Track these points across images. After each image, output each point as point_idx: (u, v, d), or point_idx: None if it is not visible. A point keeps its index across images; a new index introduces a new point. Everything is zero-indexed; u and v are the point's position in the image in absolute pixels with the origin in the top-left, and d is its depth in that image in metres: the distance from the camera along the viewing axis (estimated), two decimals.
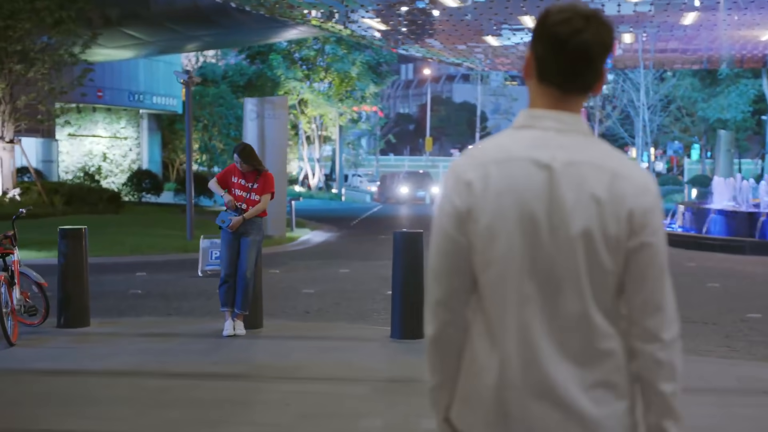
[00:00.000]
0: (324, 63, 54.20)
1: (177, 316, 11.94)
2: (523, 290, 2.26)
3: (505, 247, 2.26)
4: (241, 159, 10.17)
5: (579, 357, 2.25)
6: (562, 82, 2.32)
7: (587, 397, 2.24)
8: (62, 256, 10.65)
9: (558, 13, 2.30)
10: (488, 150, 2.34)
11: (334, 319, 11.79)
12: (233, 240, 10.21)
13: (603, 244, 2.24)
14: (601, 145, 2.33)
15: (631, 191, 2.26)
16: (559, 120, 2.32)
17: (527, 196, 2.26)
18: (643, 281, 2.27)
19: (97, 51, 36.36)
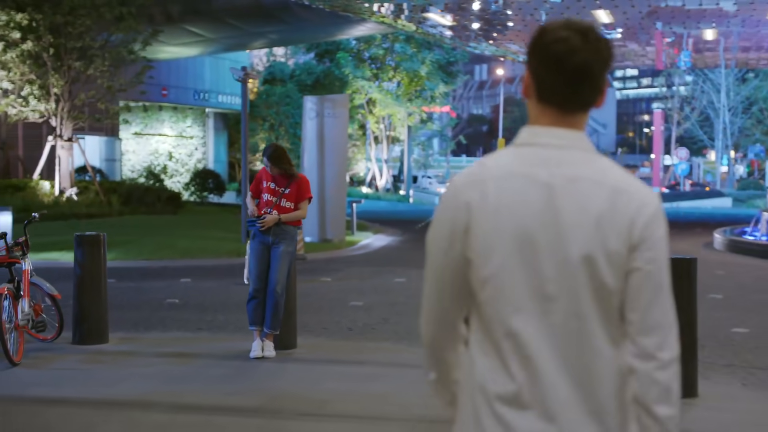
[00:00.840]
0: (393, 62, 53.13)
1: (207, 332, 10.92)
2: (521, 308, 2.24)
3: (502, 265, 2.26)
4: (271, 162, 9.10)
5: (580, 382, 2.22)
6: (562, 101, 2.31)
7: (584, 420, 2.21)
8: (78, 266, 9.70)
9: (555, 31, 2.27)
10: (488, 167, 2.34)
11: (379, 337, 10.66)
12: (263, 250, 9.15)
13: (605, 262, 2.21)
14: (602, 161, 2.31)
15: (631, 205, 2.24)
16: (560, 137, 2.31)
17: (525, 213, 2.25)
18: (641, 298, 2.22)
19: (160, 48, 35.81)
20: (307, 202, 9.32)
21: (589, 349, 2.22)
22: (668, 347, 2.23)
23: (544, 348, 2.22)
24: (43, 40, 28.10)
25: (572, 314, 2.21)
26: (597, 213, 2.22)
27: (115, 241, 22.03)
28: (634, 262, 2.22)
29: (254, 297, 9.12)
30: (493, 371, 2.26)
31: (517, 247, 2.24)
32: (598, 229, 2.21)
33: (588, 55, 2.25)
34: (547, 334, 2.22)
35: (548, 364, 2.21)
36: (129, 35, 29.59)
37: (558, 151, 2.28)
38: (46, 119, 29.26)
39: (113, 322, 11.46)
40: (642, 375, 2.21)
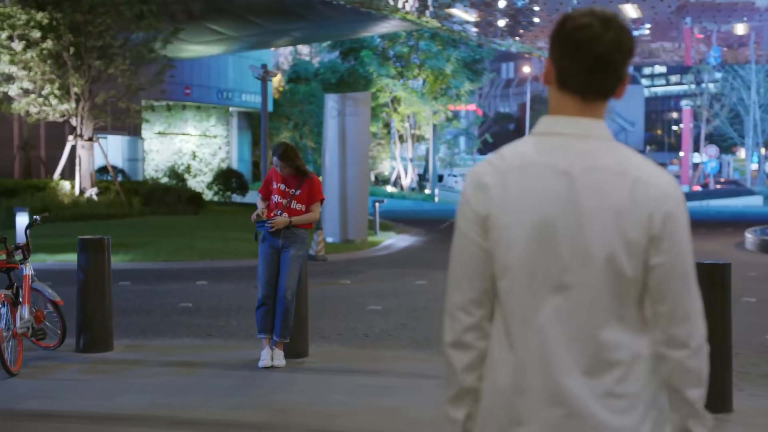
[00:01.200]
0: (418, 60, 52.63)
1: (218, 338, 10.51)
2: (540, 297, 2.27)
3: (522, 254, 2.27)
4: (282, 161, 8.67)
5: (595, 368, 2.24)
6: (582, 89, 2.31)
7: (602, 406, 2.23)
8: (81, 271, 9.28)
9: (577, 18, 2.29)
10: (507, 157, 2.35)
11: (396, 345, 10.21)
12: (272, 254, 8.72)
13: (624, 253, 2.22)
14: (623, 150, 2.31)
15: (652, 196, 2.24)
16: (580, 126, 2.31)
17: (545, 203, 2.26)
18: (668, 289, 2.25)
19: (183, 47, 35.53)
20: (319, 204, 8.90)
21: (601, 338, 2.24)
22: (697, 334, 2.28)
23: (558, 336, 2.25)
24: (64, 39, 27.84)
25: (588, 303, 2.24)
26: (617, 203, 2.23)
27: (133, 243, 21.71)
28: (659, 255, 2.24)
29: (263, 304, 8.70)
30: (510, 362, 2.29)
31: (536, 236, 2.26)
32: (618, 219, 2.22)
33: (609, 42, 2.26)
34: (563, 321, 2.25)
35: (561, 352, 2.24)
36: (150, 33, 29.26)
37: (577, 141, 2.29)
38: (66, 119, 29.00)
39: (122, 328, 11.12)
40: (675, 363, 2.26)
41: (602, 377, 2.24)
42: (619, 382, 2.24)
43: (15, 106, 28.22)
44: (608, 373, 2.24)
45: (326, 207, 24.72)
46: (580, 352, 2.24)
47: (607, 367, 2.24)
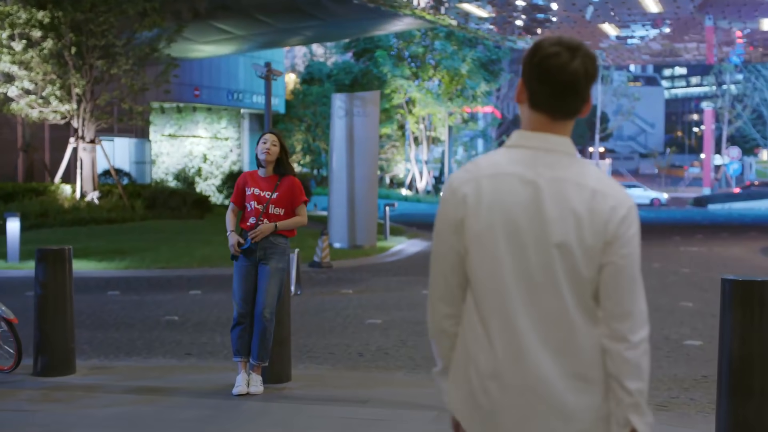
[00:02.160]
0: (433, 60, 51.62)
1: (196, 358, 9.55)
2: (509, 290, 2.53)
3: (494, 252, 2.54)
4: (271, 136, 7.87)
5: (560, 352, 2.50)
6: (551, 110, 2.58)
7: (566, 388, 2.50)
8: (39, 286, 8.32)
9: (547, 47, 2.55)
10: (482, 166, 2.62)
11: (392, 365, 9.23)
12: (248, 268, 7.76)
13: (581, 254, 2.50)
14: (584, 165, 2.59)
15: (607, 206, 2.51)
16: (547, 141, 2.59)
17: (514, 208, 2.54)
18: (615, 288, 2.51)
19: (190, 47, 34.69)
20: (304, 206, 7.93)
21: (568, 327, 2.51)
22: (638, 330, 2.54)
23: (528, 326, 2.52)
24: (65, 38, 27.00)
25: (553, 296, 2.51)
26: (577, 211, 2.51)
27: (131, 248, 20.83)
28: (609, 256, 2.51)
29: (239, 323, 7.74)
30: (483, 349, 2.57)
31: (506, 236, 2.55)
32: (577, 224, 2.50)
33: (576, 70, 2.54)
34: (531, 313, 2.52)
35: (532, 341, 2.52)
36: (153, 32, 28.38)
37: (545, 154, 2.58)
38: (68, 120, 28.15)
39: (96, 344, 10.23)
40: (614, 355, 2.51)
41: (573, 361, 2.50)
42: (588, 366, 2.51)
43: (14, 107, 27.38)
44: (578, 357, 2.51)
45: (333, 211, 23.76)
46: (552, 339, 2.51)
47: (578, 352, 2.51)
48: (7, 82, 27.51)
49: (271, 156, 7.80)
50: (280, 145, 7.84)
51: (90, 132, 28.13)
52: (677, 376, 8.76)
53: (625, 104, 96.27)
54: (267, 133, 7.90)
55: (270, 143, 7.78)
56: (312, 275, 18.02)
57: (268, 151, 7.78)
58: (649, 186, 69.14)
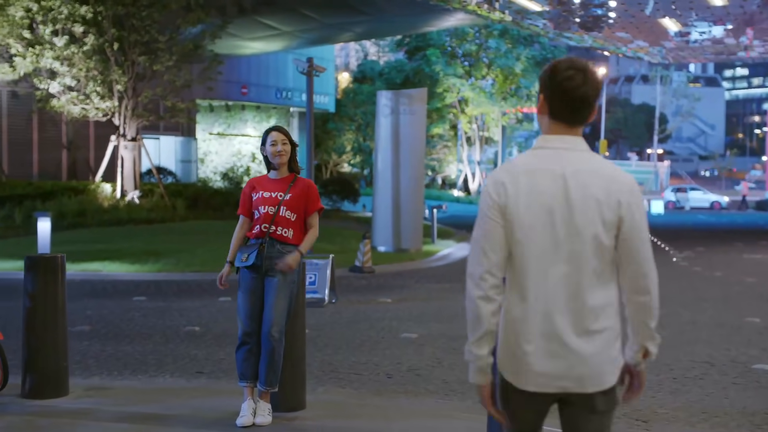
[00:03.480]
0: (486, 59, 50.44)
1: (207, 377, 8.66)
2: (544, 261, 3.28)
3: (531, 232, 3.28)
4: (280, 135, 6.94)
5: (579, 311, 3.28)
6: (569, 119, 3.36)
7: (581, 340, 3.28)
8: (28, 297, 7.46)
9: (563, 71, 3.33)
10: (518, 164, 3.36)
11: (422, 390, 8.25)
12: (254, 281, 6.85)
13: (602, 229, 3.27)
14: (597, 158, 3.37)
15: (620, 189, 3.30)
16: (566, 142, 3.36)
17: (547, 195, 3.29)
18: (634, 253, 3.29)
19: (237, 43, 34.01)
20: (318, 215, 7.00)
21: (585, 289, 3.29)
22: (654, 285, 3.35)
23: (556, 288, 3.28)
24: (107, 33, 26.39)
25: (577, 264, 3.28)
26: (597, 195, 3.28)
27: (167, 250, 20.08)
28: (624, 229, 3.29)
29: (244, 342, 6.83)
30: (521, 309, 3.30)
31: (541, 218, 3.29)
32: (598, 205, 3.27)
33: (587, 89, 3.33)
34: (559, 279, 3.28)
35: (559, 296, 3.28)
36: (197, 28, 27.67)
37: (566, 152, 3.35)
38: (109, 117, 27.54)
39: (103, 359, 9.40)
40: (641, 304, 3.34)
41: (589, 318, 3.29)
42: (601, 321, 3.31)
43: (56, 104, 26.84)
44: (593, 315, 3.30)
45: (378, 213, 22.82)
46: (574, 300, 3.28)
47: (593, 311, 3.29)
48: (50, 79, 26.99)
49: (285, 157, 6.88)
50: (289, 142, 6.92)
51: (131, 130, 27.50)
52: (747, 408, 7.69)
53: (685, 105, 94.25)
54: (272, 130, 6.93)
55: (281, 143, 6.85)
56: (352, 281, 17.12)
57: (281, 153, 6.85)
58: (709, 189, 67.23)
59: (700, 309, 13.59)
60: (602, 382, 3.31)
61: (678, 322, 12.24)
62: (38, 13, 26.44)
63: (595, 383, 3.30)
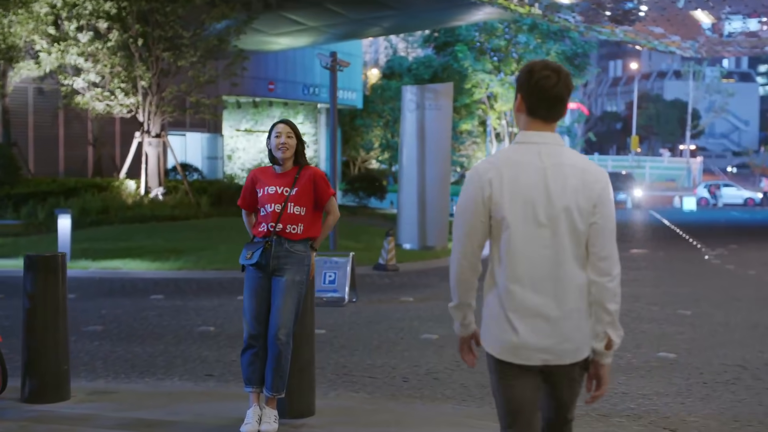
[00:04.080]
0: (516, 54, 49.88)
1: (216, 381, 8.34)
2: (528, 245, 3.63)
3: (516, 219, 3.63)
4: (286, 128, 6.57)
5: (562, 288, 3.64)
6: (546, 117, 3.71)
7: (563, 316, 3.63)
8: (27, 298, 7.18)
9: (539, 71, 3.67)
10: (501, 158, 3.70)
11: (440, 394, 7.90)
12: (260, 281, 6.51)
13: (578, 214, 3.64)
14: (572, 152, 3.76)
15: (594, 180, 3.69)
16: (545, 138, 3.72)
17: (528, 186, 3.63)
18: (600, 239, 3.66)
19: (263, 39, 33.78)
20: (333, 199, 6.65)
21: (569, 269, 3.65)
22: (615, 268, 3.68)
23: (538, 269, 3.63)
24: (131, 29, 26.20)
25: (560, 247, 3.64)
26: (574, 185, 3.65)
27: (189, 248, 19.83)
28: (596, 216, 3.66)
29: (250, 346, 6.49)
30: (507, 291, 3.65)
31: (523, 206, 3.63)
32: (574, 193, 3.64)
33: (561, 88, 3.68)
34: (541, 260, 3.63)
35: (542, 276, 3.63)
36: (222, 24, 27.42)
37: (545, 147, 3.70)
38: (133, 114, 27.35)
39: (111, 361, 9.13)
40: (600, 285, 3.65)
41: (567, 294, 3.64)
42: (578, 299, 3.66)
43: (80, 100, 26.69)
44: (571, 292, 3.65)
45: (403, 210, 22.45)
46: (554, 277, 3.64)
47: (571, 288, 3.65)
48: (75, 75, 26.86)
49: (289, 151, 6.53)
50: (296, 136, 6.57)
51: (156, 126, 27.30)
52: None
53: (718, 101, 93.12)
54: (278, 123, 6.58)
55: (285, 135, 6.50)
56: (375, 279, 16.79)
57: (285, 146, 6.51)
58: (743, 185, 66.32)
59: (733, 309, 13.14)
60: (578, 355, 3.67)
61: (709, 323, 11.81)
62: (63, 9, 26.30)
63: (573, 356, 3.66)
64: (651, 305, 13.37)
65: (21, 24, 26.08)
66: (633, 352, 9.84)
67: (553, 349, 3.62)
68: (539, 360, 3.63)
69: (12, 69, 27.61)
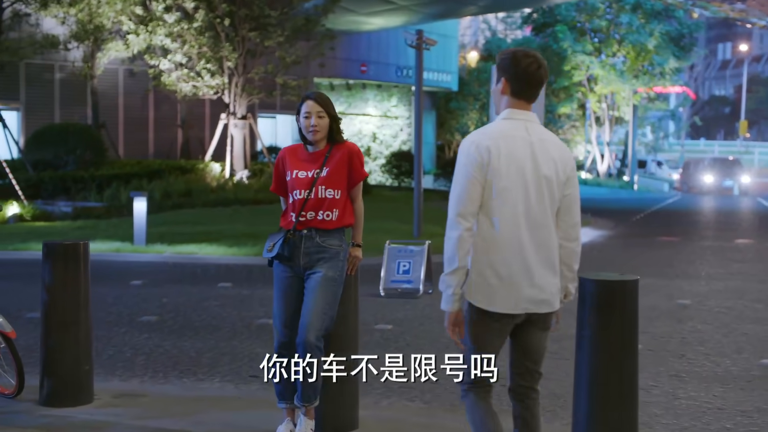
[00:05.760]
0: (617, 35, 48.15)
1: (258, 384, 7.54)
2: (519, 207, 4.14)
3: (510, 184, 4.12)
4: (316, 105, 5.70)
5: (543, 247, 4.18)
6: (528, 97, 4.25)
7: (545, 271, 4.20)
8: (46, 291, 6.50)
9: (523, 58, 4.20)
10: (494, 130, 4.19)
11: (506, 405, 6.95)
12: (291, 280, 5.73)
13: (556, 183, 4.20)
14: (546, 129, 4.30)
15: (568, 156, 4.30)
16: (528, 116, 4.24)
17: (521, 157, 4.15)
18: (573, 206, 4.29)
19: (355, 19, 33.09)
20: (360, 185, 5.79)
21: (548, 232, 4.21)
22: (579, 233, 4.33)
23: (529, 228, 4.15)
24: (218, 9, 25.70)
25: (542, 211, 4.18)
26: (555, 156, 4.22)
27: (268, 232, 19.19)
28: (569, 187, 4.27)
29: (281, 356, 5.64)
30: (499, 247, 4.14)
31: (515, 174, 4.14)
32: (556, 165, 4.21)
33: (543, 72, 4.23)
34: (530, 222, 4.15)
35: (530, 237, 4.15)
36: (310, 3, 26.74)
37: (530, 123, 4.23)
38: (219, 95, 26.90)
39: (155, 356, 8.44)
40: (569, 249, 4.30)
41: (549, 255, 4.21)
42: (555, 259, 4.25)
43: (165, 80, 26.34)
44: (551, 252, 4.23)
45: None
46: (540, 238, 4.17)
47: (551, 248, 4.23)
48: (163, 56, 26.53)
49: (320, 133, 5.67)
50: (327, 114, 5.69)
51: (242, 108, 26.79)
52: None
53: None
54: (306, 99, 5.71)
55: (315, 116, 5.64)
56: None
57: (315, 129, 5.65)
58: None
59: None
60: (553, 306, 4.28)
61: None
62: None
63: (549, 306, 4.26)
64: (755, 302, 12.18)
65: (109, 4, 25.81)
66: (732, 358, 8.77)
67: (537, 298, 4.20)
68: (522, 309, 4.19)
69: (101, 50, 27.42)
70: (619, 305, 4.90)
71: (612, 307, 4.90)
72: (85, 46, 27.29)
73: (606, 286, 4.91)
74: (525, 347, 4.36)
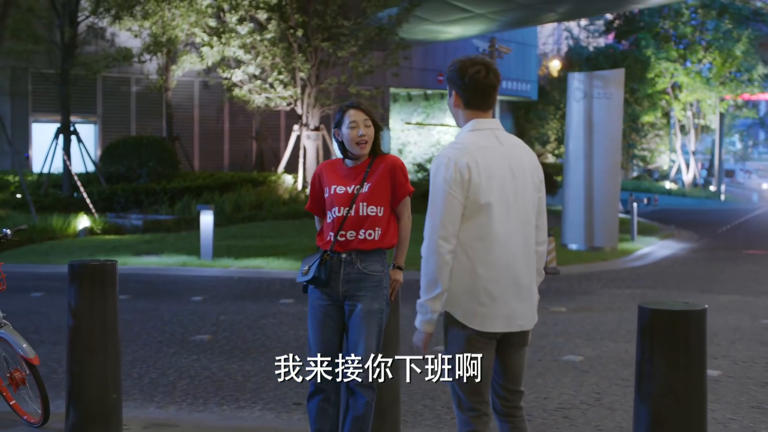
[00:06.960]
0: (703, 41, 46.83)
1: (300, 413, 7.06)
2: (503, 221, 4.06)
3: (492, 199, 4.04)
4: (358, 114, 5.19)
5: (530, 260, 4.17)
6: (483, 106, 4.19)
7: (531, 284, 4.19)
8: (71, 315, 6.09)
9: (471, 66, 4.12)
10: (466, 145, 4.10)
11: None
12: (328, 308, 5.24)
13: (532, 188, 4.19)
14: (512, 135, 4.29)
15: (535, 159, 4.29)
16: (493, 123, 4.21)
17: (497, 167, 4.09)
18: (543, 209, 4.27)
19: (431, 28, 32.62)
20: (408, 200, 5.26)
21: (530, 239, 4.18)
22: (546, 234, 4.30)
23: (514, 240, 4.10)
24: (291, 20, 25.44)
25: (524, 219, 4.15)
26: (526, 164, 4.20)
27: None
28: (539, 191, 4.25)
29: (319, 391, 5.17)
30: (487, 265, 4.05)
31: (498, 188, 4.07)
32: (529, 172, 4.20)
33: (493, 78, 4.16)
34: (515, 231, 4.11)
35: (516, 249, 4.10)
36: (384, 12, 26.33)
37: (498, 132, 4.19)
38: (291, 107, 26.64)
39: (200, 379, 8.03)
40: (540, 253, 4.24)
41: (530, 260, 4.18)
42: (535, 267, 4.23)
43: (237, 93, 26.19)
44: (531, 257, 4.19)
45: (569, 207, 20.75)
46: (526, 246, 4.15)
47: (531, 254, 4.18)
48: (236, 68, 26.38)
49: (368, 145, 5.18)
50: (373, 123, 5.19)
51: (314, 119, 26.48)
52: None
53: None
54: (350, 108, 5.20)
55: (362, 125, 5.14)
56: None
57: (363, 140, 5.15)
58: None
59: None
60: (535, 320, 4.26)
61: None
62: (225, 0, 25.83)
63: (533, 321, 4.24)
64: None
65: (183, 17, 25.75)
66: None
67: (527, 314, 4.17)
68: (517, 326, 4.13)
69: (175, 63, 27.40)
70: (683, 340, 4.29)
71: (675, 342, 4.30)
72: (159, 58, 27.28)
73: (668, 317, 4.32)
74: (508, 365, 4.23)
